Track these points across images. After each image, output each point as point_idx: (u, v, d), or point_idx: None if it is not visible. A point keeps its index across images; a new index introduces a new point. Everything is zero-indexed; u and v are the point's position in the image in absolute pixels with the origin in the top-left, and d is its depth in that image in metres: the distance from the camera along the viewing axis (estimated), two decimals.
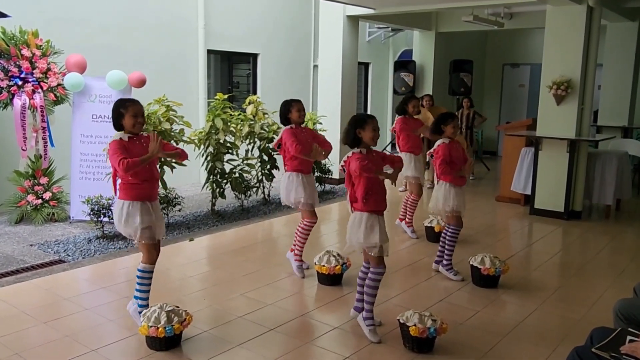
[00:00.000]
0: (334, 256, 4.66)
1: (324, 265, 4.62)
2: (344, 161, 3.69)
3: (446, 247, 4.91)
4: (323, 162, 8.37)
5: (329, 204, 7.97)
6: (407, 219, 6.31)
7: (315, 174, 8.10)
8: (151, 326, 3.39)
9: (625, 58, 9.38)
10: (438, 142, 4.76)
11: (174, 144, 6.28)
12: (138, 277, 3.75)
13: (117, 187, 3.67)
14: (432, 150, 4.81)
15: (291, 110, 4.74)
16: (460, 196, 4.78)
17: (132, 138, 3.62)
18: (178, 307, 3.59)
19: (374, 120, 3.65)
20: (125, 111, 3.57)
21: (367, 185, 3.60)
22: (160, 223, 3.74)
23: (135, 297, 3.80)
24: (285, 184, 4.77)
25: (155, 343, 3.46)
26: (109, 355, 3.45)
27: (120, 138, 3.59)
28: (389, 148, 11.91)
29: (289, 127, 4.74)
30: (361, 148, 3.64)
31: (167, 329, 3.39)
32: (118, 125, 3.62)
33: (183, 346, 3.56)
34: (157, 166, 3.79)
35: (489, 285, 4.68)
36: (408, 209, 6.28)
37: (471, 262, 4.75)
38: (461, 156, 4.76)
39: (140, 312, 3.69)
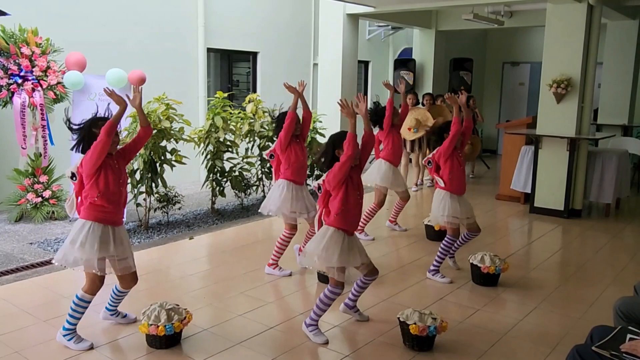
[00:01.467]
0: None
1: None
2: (321, 182, 3.55)
3: (437, 254, 4.80)
4: None
5: None
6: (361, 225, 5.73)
7: (315, 173, 8.08)
8: (151, 324, 3.39)
9: (625, 56, 9.38)
10: (439, 148, 4.70)
11: (174, 142, 6.29)
12: (73, 302, 3.43)
13: (79, 206, 3.39)
14: (430, 156, 4.72)
15: None
16: (455, 206, 4.63)
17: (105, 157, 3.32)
18: (178, 305, 3.60)
19: (354, 136, 3.45)
20: (98, 130, 3.26)
21: (344, 198, 3.47)
22: (125, 252, 3.44)
23: (66, 322, 3.45)
24: (277, 193, 4.61)
25: (155, 341, 3.46)
26: (108, 353, 3.45)
27: None
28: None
29: None
30: None
31: (167, 327, 3.39)
32: (89, 147, 3.28)
33: (183, 344, 3.56)
34: (126, 188, 3.51)
35: (489, 284, 4.68)
36: (364, 216, 5.79)
37: (471, 261, 4.74)
38: (461, 167, 4.71)
39: (65, 336, 3.44)
